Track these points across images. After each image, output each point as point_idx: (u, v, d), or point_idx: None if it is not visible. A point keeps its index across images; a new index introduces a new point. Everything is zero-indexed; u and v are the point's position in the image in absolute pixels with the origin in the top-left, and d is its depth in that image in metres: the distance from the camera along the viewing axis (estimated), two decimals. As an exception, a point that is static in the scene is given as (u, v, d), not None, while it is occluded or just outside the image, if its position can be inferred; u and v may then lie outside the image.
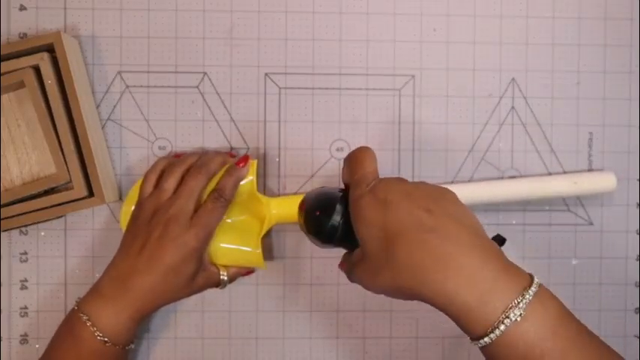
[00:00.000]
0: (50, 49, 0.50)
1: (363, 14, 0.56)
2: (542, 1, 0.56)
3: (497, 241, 0.53)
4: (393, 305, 0.56)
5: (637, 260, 0.57)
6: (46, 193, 0.51)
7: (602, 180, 0.55)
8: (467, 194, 0.54)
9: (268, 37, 0.55)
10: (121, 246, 0.50)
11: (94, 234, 0.55)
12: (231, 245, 0.52)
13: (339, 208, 0.44)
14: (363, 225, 0.40)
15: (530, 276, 0.38)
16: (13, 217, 0.50)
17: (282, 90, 0.55)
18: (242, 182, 0.52)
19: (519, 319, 0.35)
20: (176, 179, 0.51)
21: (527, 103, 0.56)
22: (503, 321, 0.35)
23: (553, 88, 0.57)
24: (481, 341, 0.36)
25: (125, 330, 0.48)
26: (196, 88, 0.55)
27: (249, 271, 0.54)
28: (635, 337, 0.57)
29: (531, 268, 0.56)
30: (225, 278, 0.52)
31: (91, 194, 0.51)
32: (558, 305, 0.37)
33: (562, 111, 0.57)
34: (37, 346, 0.55)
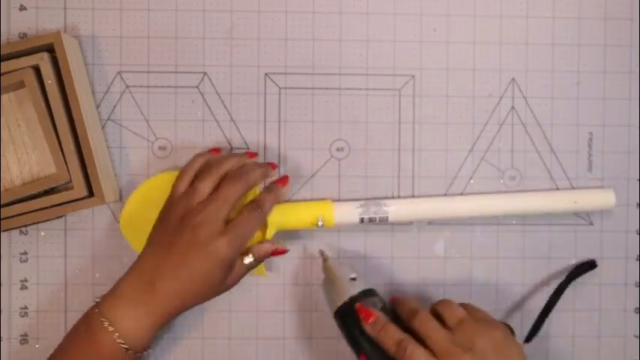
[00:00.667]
0: (50, 49, 0.50)
1: (363, 14, 0.56)
2: (542, 1, 0.56)
3: (588, 265, 0.55)
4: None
5: (637, 260, 0.57)
6: (46, 193, 0.51)
7: (601, 198, 0.55)
8: (465, 209, 0.55)
9: (268, 37, 0.55)
10: (147, 244, 0.48)
11: (94, 234, 0.55)
12: None
13: None
14: None
15: None
16: (13, 217, 0.50)
17: (282, 90, 0.55)
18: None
19: None
20: (213, 182, 0.49)
21: (527, 103, 0.56)
22: None
23: (553, 88, 0.57)
24: None
25: (146, 336, 0.46)
26: (196, 88, 0.55)
27: (281, 251, 0.51)
28: (635, 337, 0.57)
29: (531, 268, 0.57)
30: (252, 260, 0.49)
31: (91, 194, 0.51)
32: None
33: (562, 111, 0.57)
34: (37, 346, 0.55)
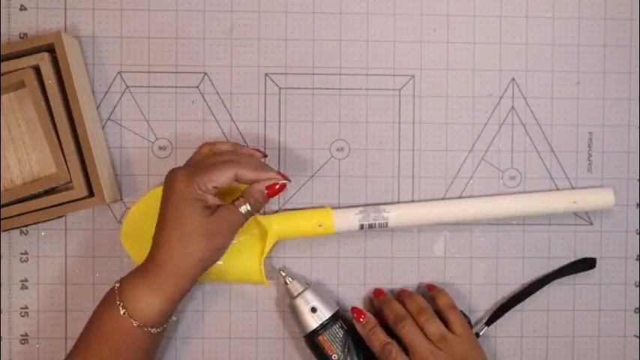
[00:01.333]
0: (50, 49, 0.50)
1: (363, 14, 0.56)
2: (542, 1, 0.56)
3: (589, 262, 0.56)
4: (393, 305, 0.56)
5: (637, 260, 0.57)
6: (46, 193, 0.51)
7: (601, 198, 0.55)
8: (465, 211, 0.55)
9: (268, 37, 0.55)
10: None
11: (94, 234, 0.55)
12: (234, 265, 0.53)
13: None
14: None
15: None
16: (13, 217, 0.50)
17: (282, 90, 0.55)
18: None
19: None
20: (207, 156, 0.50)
21: (527, 103, 0.56)
22: None
23: (553, 88, 0.57)
24: None
25: (159, 311, 0.46)
26: (196, 88, 0.55)
27: (280, 186, 0.48)
28: (635, 337, 0.57)
29: (531, 268, 0.57)
30: (249, 208, 0.48)
31: (91, 194, 0.51)
32: None
33: (562, 111, 0.57)
34: (37, 346, 0.55)
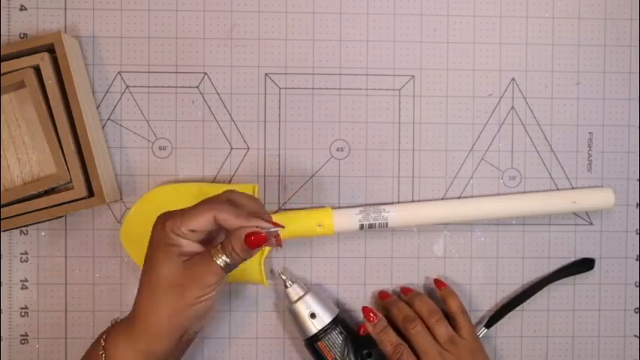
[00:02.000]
0: (50, 50, 0.50)
1: (363, 14, 0.56)
2: (542, 1, 0.56)
3: (587, 263, 0.56)
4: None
5: (637, 260, 0.57)
6: (46, 193, 0.51)
7: (601, 198, 0.55)
8: (465, 211, 0.55)
9: (268, 37, 0.55)
10: None
11: (94, 234, 0.55)
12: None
13: None
14: None
15: None
16: (13, 217, 0.50)
17: (282, 90, 0.55)
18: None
19: None
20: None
21: (527, 103, 0.56)
22: None
23: (553, 88, 0.57)
24: None
25: None
26: (196, 88, 0.55)
27: (261, 240, 0.43)
28: (635, 337, 0.57)
29: (531, 268, 0.57)
30: (227, 261, 0.43)
31: (91, 194, 0.51)
32: None
33: (562, 111, 0.57)
34: (37, 346, 0.55)
